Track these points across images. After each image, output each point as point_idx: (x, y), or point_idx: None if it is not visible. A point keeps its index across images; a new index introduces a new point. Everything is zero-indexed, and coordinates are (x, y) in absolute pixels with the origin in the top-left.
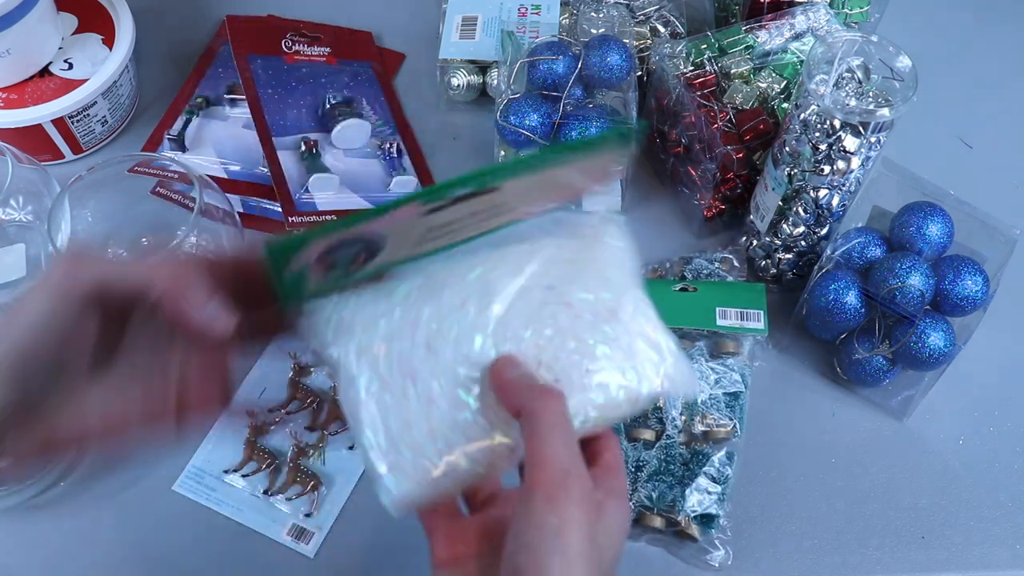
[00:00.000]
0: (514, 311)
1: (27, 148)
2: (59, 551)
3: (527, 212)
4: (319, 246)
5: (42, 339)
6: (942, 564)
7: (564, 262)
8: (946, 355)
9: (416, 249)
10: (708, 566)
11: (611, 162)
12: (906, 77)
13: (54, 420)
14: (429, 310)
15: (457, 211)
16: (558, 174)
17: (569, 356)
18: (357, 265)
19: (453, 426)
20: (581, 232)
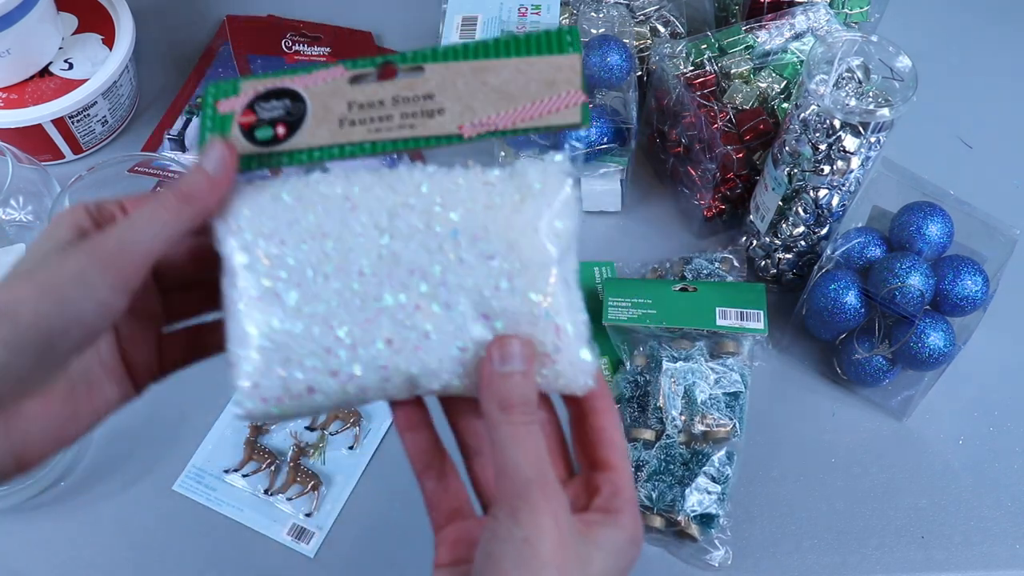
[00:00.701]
0: (408, 251)
1: (27, 148)
2: (60, 550)
3: (468, 127)
4: (251, 88)
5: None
6: (941, 564)
7: (484, 208)
8: (946, 355)
9: (338, 136)
10: (708, 566)
11: (560, 69)
12: (906, 77)
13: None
14: (333, 225)
15: (381, 90)
16: (494, 72)
17: (443, 318)
18: (277, 140)
19: (318, 361)
20: (524, 180)
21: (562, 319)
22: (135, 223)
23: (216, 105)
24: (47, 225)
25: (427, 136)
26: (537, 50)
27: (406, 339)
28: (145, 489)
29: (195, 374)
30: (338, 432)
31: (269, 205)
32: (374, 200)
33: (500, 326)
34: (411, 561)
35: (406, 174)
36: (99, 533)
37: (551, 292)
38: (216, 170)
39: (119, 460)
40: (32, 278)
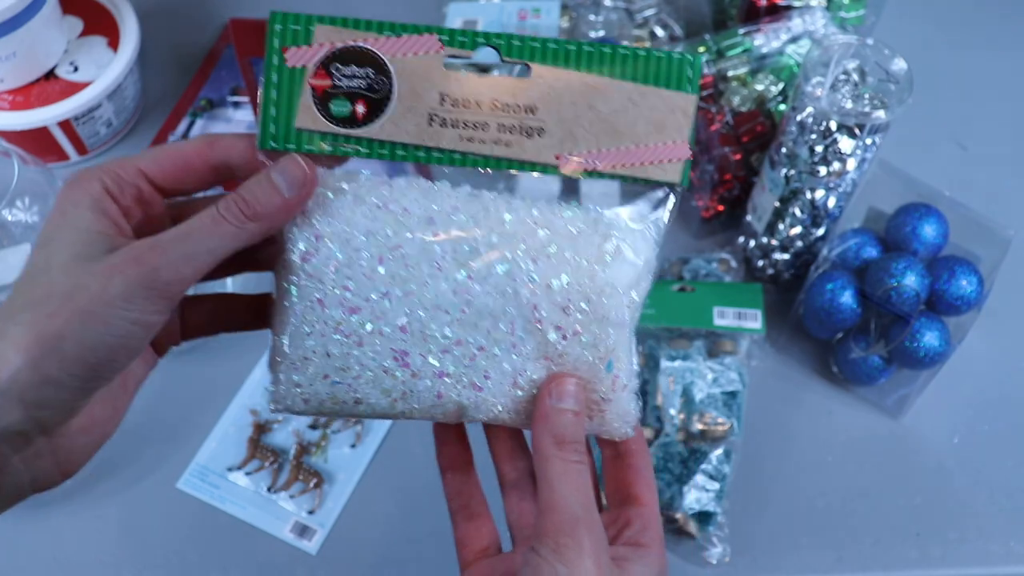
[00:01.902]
0: (483, 293)
1: (33, 150)
2: (64, 547)
3: (567, 160)
4: (326, 39)
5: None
6: (937, 561)
7: (566, 255)
8: (941, 354)
9: (425, 136)
10: (706, 563)
11: (673, 112)
12: (901, 80)
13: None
14: (412, 248)
15: (479, 87)
16: (604, 97)
17: (505, 360)
18: (355, 120)
19: (373, 378)
20: (609, 233)
21: (623, 374)
22: (190, 238)
23: (283, 52)
24: (60, 205)
25: (522, 160)
26: (654, 75)
27: (464, 375)
28: (149, 487)
29: (197, 373)
30: (340, 430)
31: (349, 205)
32: (457, 229)
33: (565, 369)
34: (413, 558)
35: (491, 203)
36: (103, 530)
37: (619, 348)
38: (292, 193)
39: (123, 458)
40: (72, 301)
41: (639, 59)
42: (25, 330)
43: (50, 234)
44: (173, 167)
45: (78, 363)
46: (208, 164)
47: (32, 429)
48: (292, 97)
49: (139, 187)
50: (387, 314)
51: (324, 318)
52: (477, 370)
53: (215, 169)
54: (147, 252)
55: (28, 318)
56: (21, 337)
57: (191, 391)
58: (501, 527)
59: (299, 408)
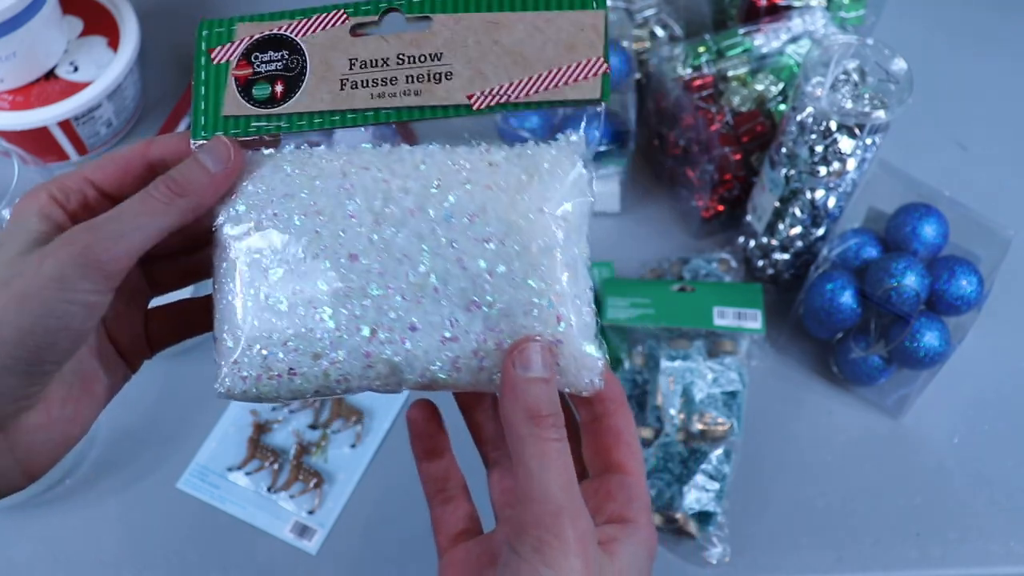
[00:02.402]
0: (399, 237)
1: (33, 150)
2: (64, 547)
3: (479, 96)
4: (246, 34)
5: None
6: (937, 561)
7: (484, 189)
8: (941, 354)
9: (339, 100)
10: (706, 563)
11: (582, 30)
12: (901, 80)
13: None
14: (327, 203)
15: (384, 46)
16: (508, 29)
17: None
18: (275, 99)
19: (301, 342)
20: (532, 160)
21: (565, 309)
22: (121, 217)
23: (209, 53)
24: (11, 217)
25: (433, 106)
26: (557, 2)
27: (391, 328)
28: (149, 487)
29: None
30: (340, 430)
31: (269, 175)
32: (370, 181)
33: (494, 314)
34: (413, 558)
35: (407, 153)
36: (103, 530)
37: (554, 279)
38: (218, 168)
39: (123, 458)
40: (8, 287)
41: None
42: None
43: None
44: (115, 169)
45: (18, 346)
46: (146, 163)
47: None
48: (219, 90)
49: (84, 192)
50: (307, 273)
51: (251, 287)
52: (402, 322)
53: (152, 167)
54: (78, 233)
55: None
56: None
57: (191, 391)
58: (485, 511)
59: (240, 388)
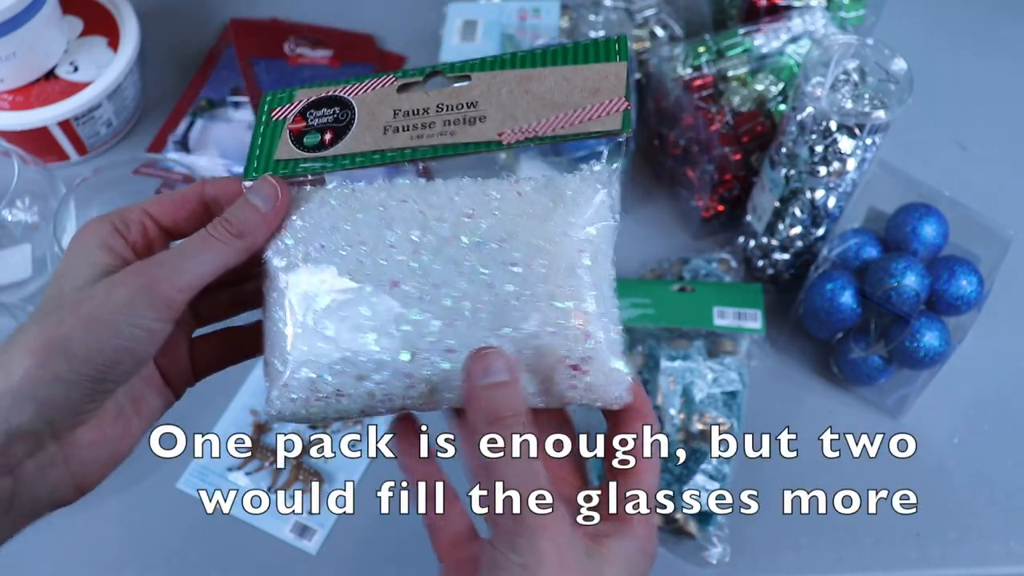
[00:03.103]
0: (436, 264)
1: (33, 150)
2: (64, 546)
3: (508, 134)
4: (302, 98)
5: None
6: (937, 561)
7: (514, 217)
8: (941, 354)
9: (380, 142)
10: (706, 563)
11: (606, 77)
12: (901, 80)
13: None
14: (369, 234)
15: (425, 99)
16: (539, 81)
17: (466, 332)
18: (324, 145)
19: (346, 366)
20: (557, 189)
21: (592, 327)
22: (184, 254)
23: (271, 113)
24: (72, 246)
25: (466, 142)
26: (584, 59)
27: (430, 351)
28: (149, 486)
29: None
30: (340, 430)
31: (315, 210)
32: (408, 212)
33: (522, 335)
34: (413, 558)
35: (442, 186)
36: (103, 530)
37: (580, 298)
38: (267, 207)
39: None
40: (78, 310)
41: (568, 49)
42: (35, 336)
43: (62, 271)
44: (171, 205)
45: (85, 363)
46: (201, 201)
47: (44, 430)
48: (274, 140)
49: (144, 224)
50: (351, 301)
51: (298, 315)
52: (440, 344)
53: (207, 205)
54: (145, 266)
55: (37, 327)
56: (31, 341)
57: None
58: None
59: (289, 410)
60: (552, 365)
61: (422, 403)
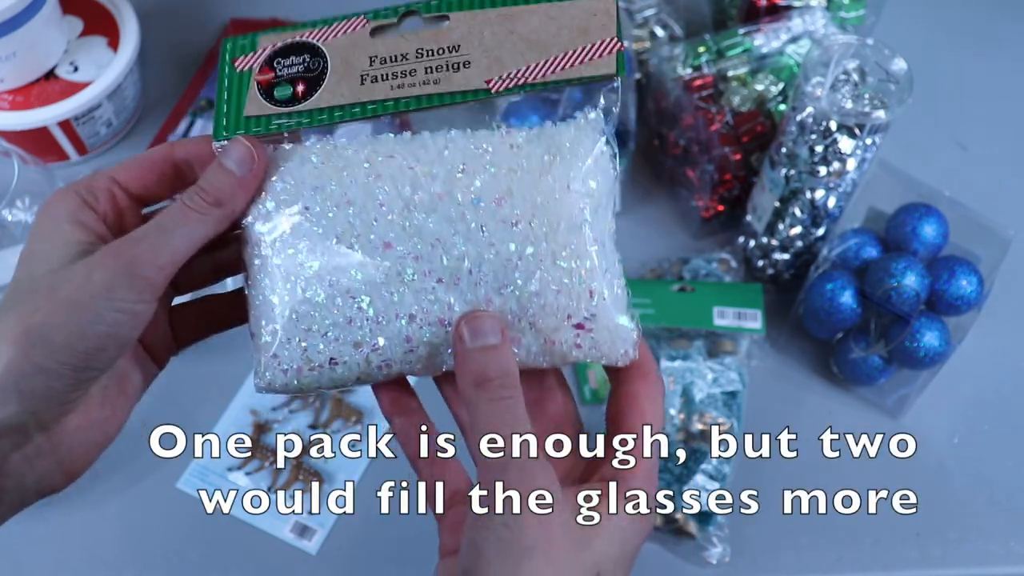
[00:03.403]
0: (430, 222)
1: (33, 150)
2: (64, 546)
3: (496, 81)
4: (268, 43)
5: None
6: (937, 561)
7: (508, 171)
8: (941, 354)
9: (360, 93)
10: (706, 563)
11: (594, 15)
12: (901, 80)
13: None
14: (356, 192)
15: (403, 43)
16: (523, 20)
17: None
18: (297, 98)
19: (341, 332)
20: (553, 140)
21: (597, 284)
22: (163, 229)
23: (233, 63)
24: (39, 221)
25: (452, 92)
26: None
27: (429, 312)
28: (149, 486)
29: (197, 373)
30: (340, 430)
31: (296, 169)
32: (396, 169)
33: (527, 294)
34: (413, 558)
35: (429, 140)
36: (103, 530)
37: (584, 255)
38: (243, 171)
39: (123, 457)
40: (56, 294)
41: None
42: (13, 325)
43: (31, 249)
44: (140, 170)
45: (67, 351)
46: (171, 164)
47: (29, 422)
48: (241, 94)
49: (113, 193)
50: (343, 263)
51: (286, 280)
52: (440, 304)
53: (177, 168)
54: (123, 245)
55: (14, 316)
56: (10, 331)
57: (191, 391)
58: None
59: (280, 382)
60: (556, 324)
61: (420, 367)
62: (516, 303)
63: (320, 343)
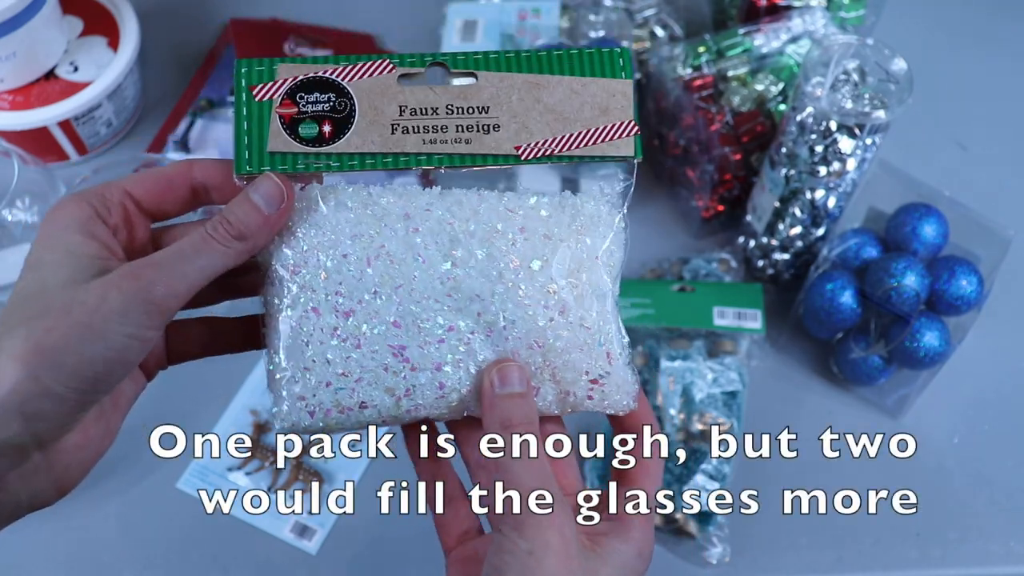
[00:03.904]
0: (469, 278)
1: (33, 150)
2: (64, 547)
3: (526, 148)
4: (288, 75)
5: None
6: (937, 561)
7: (543, 238)
8: (941, 354)
9: (390, 143)
10: (706, 563)
11: (613, 96)
12: (901, 80)
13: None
14: (396, 245)
15: (433, 96)
16: (548, 90)
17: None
18: (323, 139)
19: (375, 378)
20: (578, 211)
21: (612, 346)
22: (183, 257)
23: (250, 90)
24: (47, 229)
25: (484, 154)
26: (590, 69)
27: (461, 362)
28: (149, 486)
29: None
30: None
31: (332, 215)
32: (435, 223)
33: (553, 353)
34: (413, 558)
35: (463, 196)
36: (103, 530)
37: (607, 321)
38: (271, 209)
39: (123, 458)
40: (70, 315)
41: (573, 56)
42: (23, 343)
43: (40, 257)
44: (156, 187)
45: (76, 376)
46: (188, 184)
47: (30, 443)
48: (263, 126)
49: (125, 206)
50: (380, 312)
51: (320, 325)
52: (473, 356)
53: (194, 190)
54: (143, 269)
55: (25, 332)
56: (19, 349)
57: (191, 391)
58: None
59: (305, 423)
60: (574, 379)
61: (447, 412)
62: (541, 357)
63: (353, 386)
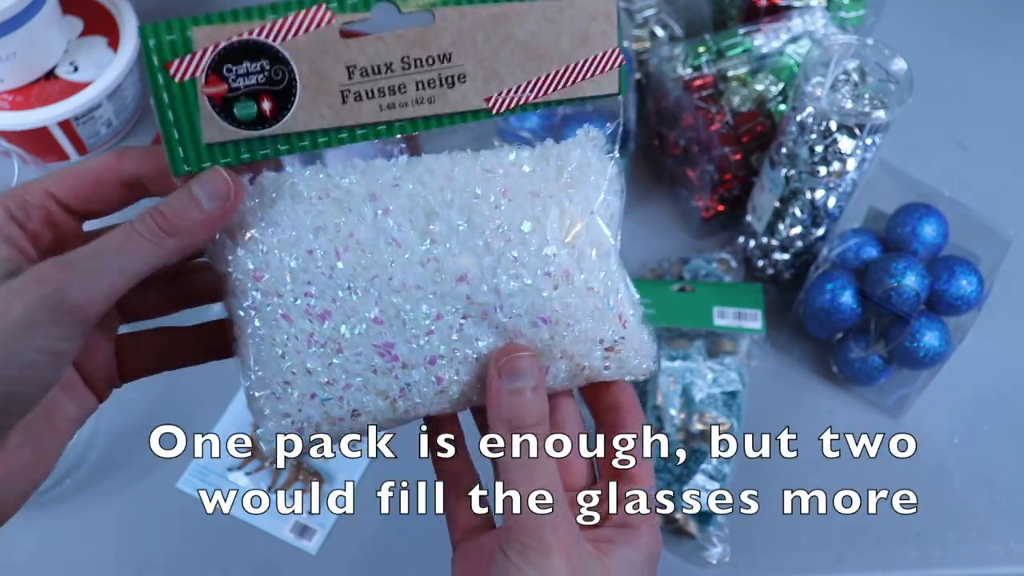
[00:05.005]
0: (452, 255)
1: (33, 150)
2: (64, 547)
3: (496, 99)
4: (208, 41)
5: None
6: (937, 561)
7: (530, 196)
8: (941, 354)
9: (344, 115)
10: (706, 563)
11: (595, 19)
12: (901, 80)
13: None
14: (366, 232)
15: (384, 49)
16: (518, 21)
17: (497, 328)
18: (265, 119)
19: (364, 382)
20: (565, 163)
21: (624, 307)
22: (101, 254)
23: (166, 68)
24: None
25: (450, 113)
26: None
27: (457, 353)
28: (149, 487)
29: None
30: None
31: (289, 207)
32: (406, 199)
33: (561, 324)
34: (413, 558)
35: (434, 163)
36: (103, 530)
37: (615, 280)
38: (213, 206)
39: (123, 458)
40: None
41: None
42: None
43: None
44: (81, 185)
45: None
46: (119, 179)
47: None
48: (191, 113)
49: (48, 209)
50: (358, 309)
51: (294, 333)
52: (470, 343)
53: (127, 184)
54: (51, 270)
55: None
56: None
57: (191, 391)
58: None
59: (294, 440)
60: (588, 350)
61: (450, 406)
62: (548, 333)
63: (341, 394)
